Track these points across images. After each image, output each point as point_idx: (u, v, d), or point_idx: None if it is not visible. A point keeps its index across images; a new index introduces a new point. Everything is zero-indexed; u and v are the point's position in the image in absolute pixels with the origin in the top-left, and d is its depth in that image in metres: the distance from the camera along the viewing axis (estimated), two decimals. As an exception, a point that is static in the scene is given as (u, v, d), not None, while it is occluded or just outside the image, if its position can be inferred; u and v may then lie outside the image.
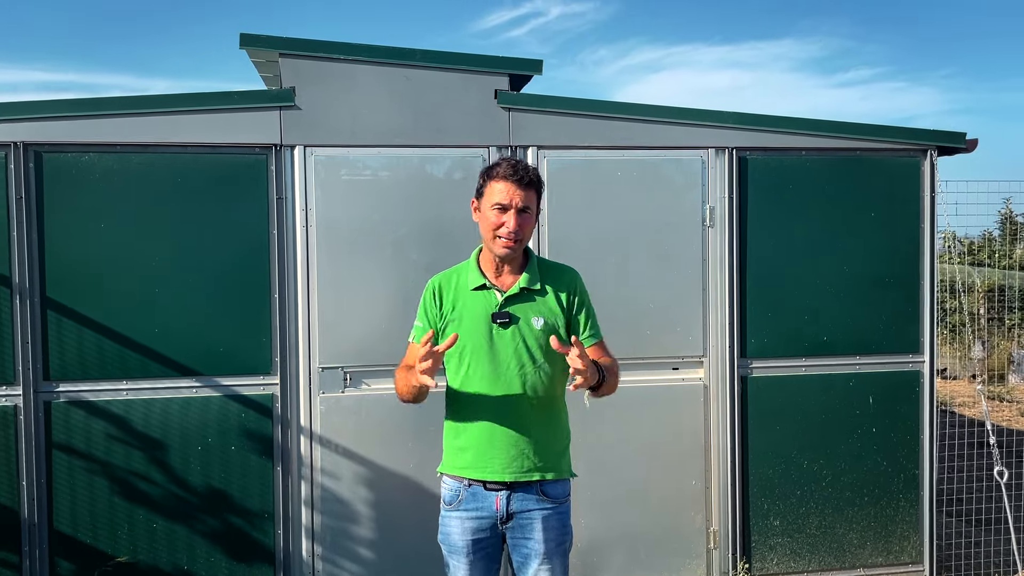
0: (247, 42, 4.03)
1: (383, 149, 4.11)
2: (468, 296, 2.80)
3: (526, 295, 2.78)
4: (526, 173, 2.72)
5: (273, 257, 4.06)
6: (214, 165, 4.00)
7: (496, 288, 2.78)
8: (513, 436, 2.74)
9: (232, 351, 4.05)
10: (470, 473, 2.78)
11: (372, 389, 4.16)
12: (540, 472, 2.76)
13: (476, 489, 2.78)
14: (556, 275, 2.85)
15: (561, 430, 2.86)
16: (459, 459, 2.82)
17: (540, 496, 2.77)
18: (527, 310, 2.77)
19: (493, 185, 2.74)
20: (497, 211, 2.72)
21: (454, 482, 2.83)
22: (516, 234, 2.70)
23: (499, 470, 2.74)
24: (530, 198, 2.73)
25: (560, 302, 2.80)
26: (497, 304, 2.76)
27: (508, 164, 2.74)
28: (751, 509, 4.44)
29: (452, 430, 2.86)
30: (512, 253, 2.75)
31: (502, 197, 2.71)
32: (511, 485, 2.75)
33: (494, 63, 4.16)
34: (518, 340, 2.74)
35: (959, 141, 4.50)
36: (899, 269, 4.53)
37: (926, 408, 4.58)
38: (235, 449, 4.06)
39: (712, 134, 4.32)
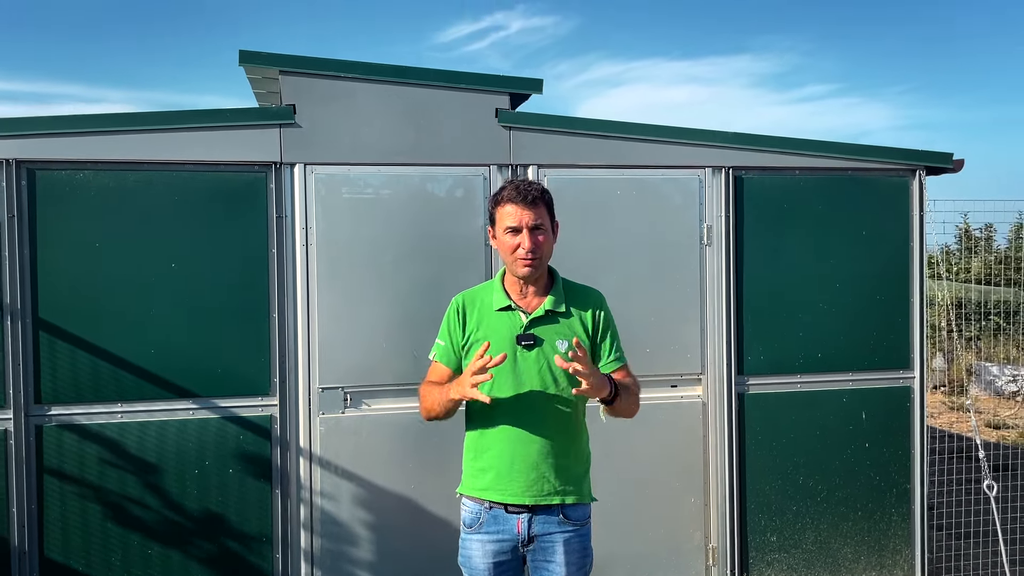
0: (246, 59, 3.98)
1: (384, 167, 4.09)
2: (493, 317, 2.78)
3: (551, 317, 2.77)
4: (530, 191, 2.71)
5: (272, 276, 4.00)
6: (213, 183, 3.94)
7: (521, 309, 2.77)
8: (534, 458, 2.72)
9: (230, 372, 3.98)
10: (490, 495, 2.75)
11: (372, 409, 4.11)
12: (561, 496, 2.74)
13: (497, 512, 2.75)
14: (582, 297, 2.84)
15: (582, 453, 2.85)
16: (479, 480, 2.79)
17: (562, 519, 2.76)
18: (552, 332, 2.76)
19: (501, 210, 2.74)
20: (510, 234, 2.72)
21: (475, 504, 2.80)
22: (533, 253, 2.70)
23: (519, 493, 2.72)
24: (540, 215, 2.72)
25: (584, 325, 2.80)
26: (522, 326, 2.75)
27: (512, 186, 2.74)
28: (749, 525, 4.47)
29: (472, 451, 2.84)
30: (535, 272, 2.74)
31: (512, 220, 2.70)
32: (532, 508, 2.73)
33: (494, 82, 4.17)
34: (542, 363, 2.73)
35: (947, 161, 4.61)
36: (889, 286, 4.61)
37: (916, 423, 4.66)
38: (233, 472, 3.98)
39: (709, 153, 4.37)
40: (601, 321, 2.84)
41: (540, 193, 2.74)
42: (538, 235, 2.71)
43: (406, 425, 4.11)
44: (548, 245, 2.76)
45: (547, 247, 2.76)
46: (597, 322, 2.83)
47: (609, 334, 2.85)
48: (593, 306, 2.84)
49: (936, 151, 4.60)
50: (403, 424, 4.11)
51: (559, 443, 2.75)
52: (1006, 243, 11.93)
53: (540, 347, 2.73)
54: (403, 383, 4.09)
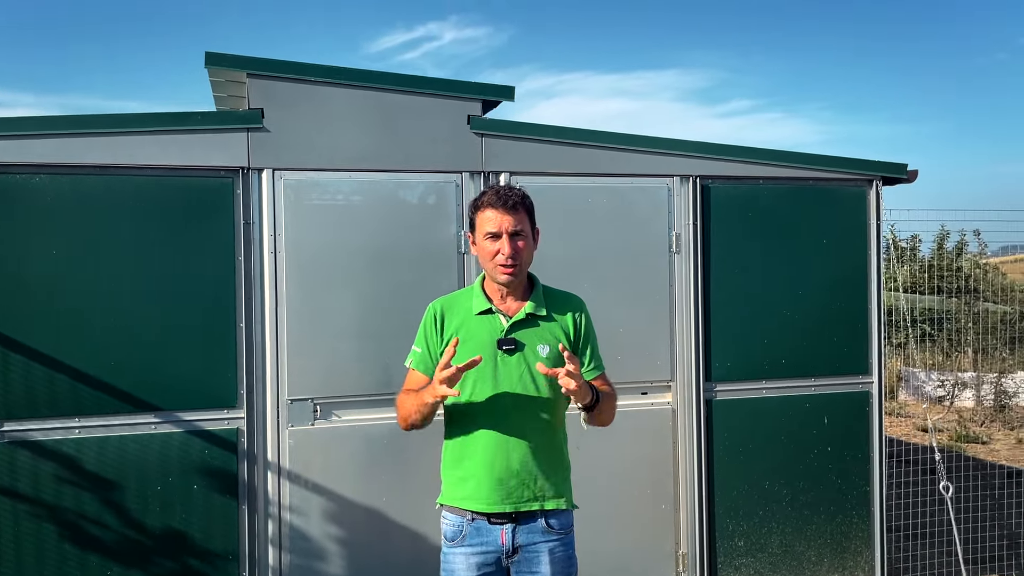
0: (212, 61, 3.86)
1: (355, 173, 4.01)
2: (473, 320, 2.74)
3: (532, 321, 2.75)
4: (510, 196, 2.68)
5: (239, 284, 3.88)
6: (177, 188, 3.81)
7: (502, 313, 2.74)
8: (515, 466, 2.68)
9: (195, 384, 3.84)
10: (472, 505, 2.70)
11: (343, 421, 4.02)
12: (541, 502, 2.71)
13: (480, 523, 2.70)
14: (562, 303, 2.82)
15: (562, 459, 2.83)
16: (460, 490, 2.74)
17: (545, 528, 2.73)
18: (533, 337, 2.73)
19: (481, 215, 2.71)
20: (490, 240, 2.68)
21: (456, 516, 2.75)
22: (513, 259, 2.66)
23: (500, 501, 2.68)
24: (521, 220, 2.69)
25: (566, 330, 2.78)
26: (502, 330, 2.72)
27: (492, 191, 2.71)
28: (717, 531, 4.51)
29: (452, 459, 2.78)
30: (514, 279, 2.71)
31: (491, 225, 2.67)
32: (515, 517, 2.69)
33: (467, 88, 4.14)
34: (523, 367, 2.70)
35: (901, 172, 4.75)
36: (849, 293, 4.73)
37: (875, 427, 4.77)
38: (198, 488, 3.84)
39: (677, 162, 4.41)
40: (583, 327, 2.82)
41: (521, 199, 2.72)
42: (518, 241, 2.68)
43: (378, 437, 4.03)
44: (528, 251, 2.73)
45: (527, 253, 2.72)
46: (579, 328, 2.81)
47: (590, 341, 2.83)
48: (574, 311, 2.82)
49: (891, 162, 4.74)
50: (375, 436, 4.03)
51: (540, 449, 2.72)
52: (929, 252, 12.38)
53: (521, 351, 2.70)
54: (375, 394, 4.01)
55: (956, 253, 13.13)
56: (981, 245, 11.93)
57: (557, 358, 2.71)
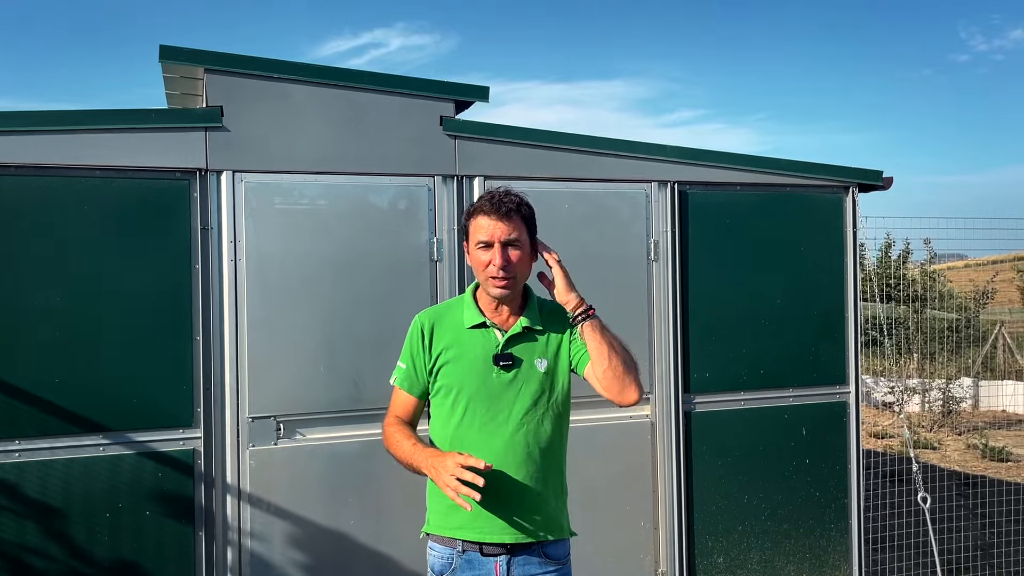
0: (167, 55, 3.60)
1: (321, 176, 3.78)
2: (464, 335, 2.55)
3: (528, 335, 2.56)
4: (505, 203, 2.49)
5: (196, 294, 3.62)
6: (127, 191, 3.53)
7: (496, 327, 2.55)
8: (513, 491, 2.48)
9: (147, 402, 3.56)
10: (465, 534, 2.50)
11: (308, 440, 3.77)
12: (542, 532, 2.52)
13: (472, 555, 2.49)
14: (558, 315, 2.65)
15: (562, 485, 2.63)
16: (450, 519, 2.52)
17: (543, 559, 2.53)
18: (530, 351, 2.55)
19: (474, 223, 2.52)
20: (482, 249, 2.49)
21: (444, 548, 2.54)
22: (506, 270, 2.47)
23: (497, 531, 2.48)
24: (516, 228, 2.50)
25: (561, 344, 2.60)
26: (498, 344, 2.53)
27: (487, 197, 2.53)
28: (697, 548, 4.37)
29: None
30: (508, 293, 2.52)
31: (483, 234, 2.48)
32: (511, 548, 2.49)
33: (439, 88, 3.94)
34: (520, 385, 2.51)
35: (876, 179, 4.69)
36: (825, 302, 4.64)
37: (852, 438, 4.69)
38: (150, 514, 3.56)
39: (655, 167, 4.27)
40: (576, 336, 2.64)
41: (516, 206, 2.52)
42: (512, 251, 2.49)
43: (346, 456, 3.80)
44: (524, 263, 2.54)
45: (522, 265, 2.53)
46: (572, 337, 2.63)
47: None
48: (570, 324, 2.64)
49: (867, 169, 4.67)
50: (343, 455, 3.79)
51: (539, 474, 2.52)
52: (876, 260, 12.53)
53: (518, 368, 2.52)
54: (343, 410, 3.78)
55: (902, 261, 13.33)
56: (930, 253, 12.10)
57: (554, 372, 2.54)
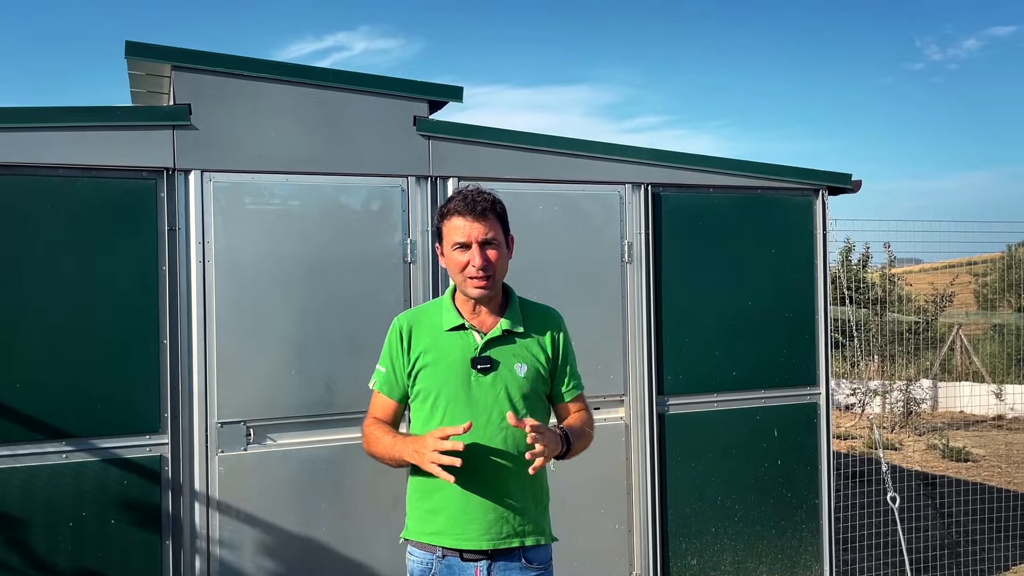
0: (133, 51, 3.51)
1: (292, 176, 3.71)
2: (443, 337, 2.50)
3: (508, 337, 2.52)
4: (479, 202, 2.45)
5: (163, 297, 3.53)
6: (92, 191, 3.43)
7: (475, 329, 2.51)
8: (493, 496, 2.44)
9: (112, 407, 3.46)
10: (444, 540, 2.45)
11: (279, 445, 3.70)
12: (521, 537, 2.48)
13: (452, 561, 2.45)
14: (539, 317, 2.61)
15: (542, 489, 2.60)
16: (429, 524, 2.48)
17: (523, 564, 2.49)
18: (509, 354, 2.51)
19: (448, 224, 2.48)
20: (459, 250, 2.45)
21: (424, 553, 2.49)
22: (485, 270, 2.44)
23: (477, 536, 2.44)
24: (492, 227, 2.47)
25: (544, 347, 2.57)
26: (477, 347, 2.49)
27: (460, 197, 2.48)
28: (671, 550, 4.36)
29: (420, 490, 2.52)
30: (487, 292, 2.48)
31: (460, 235, 2.44)
32: (491, 554, 2.46)
33: (413, 87, 3.89)
34: (500, 388, 2.47)
35: (846, 182, 4.74)
36: (796, 304, 4.67)
37: (823, 438, 4.73)
38: (116, 523, 3.46)
39: (629, 170, 4.27)
40: (561, 344, 2.62)
41: (491, 204, 2.49)
42: (489, 251, 2.45)
43: (317, 462, 3.73)
44: (502, 262, 2.51)
45: (501, 264, 2.50)
46: (557, 345, 2.60)
47: (568, 359, 2.63)
48: (552, 327, 2.61)
49: (837, 172, 4.72)
50: (314, 461, 3.72)
51: (519, 477, 2.48)
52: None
53: (497, 371, 2.48)
54: (314, 415, 3.71)
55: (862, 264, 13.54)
56: (890, 256, 12.31)
57: (535, 377, 2.50)
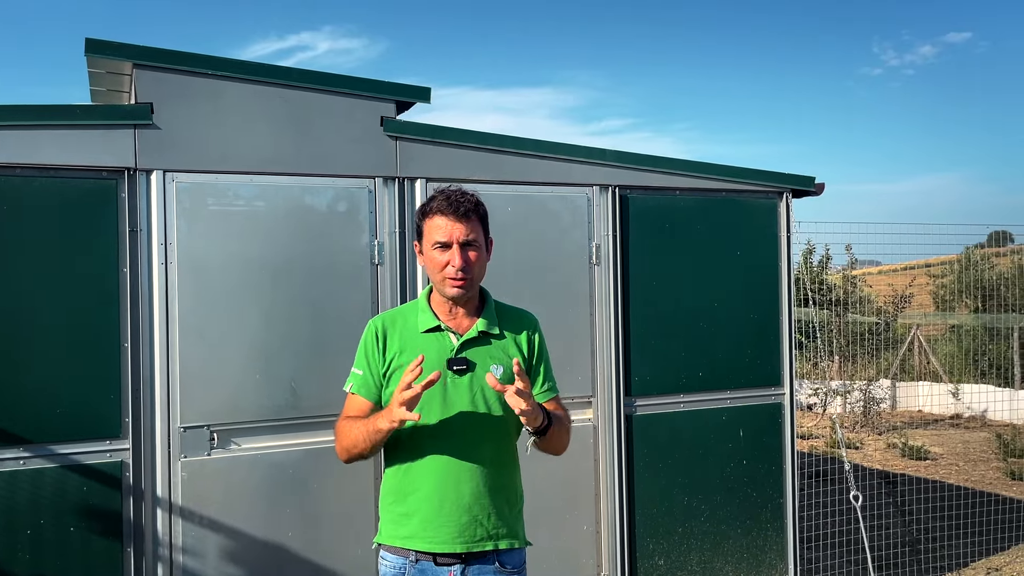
0: (94, 49, 3.44)
1: (257, 176, 3.66)
2: (419, 339, 2.48)
3: (484, 339, 2.51)
4: (463, 202, 2.44)
5: (124, 299, 3.46)
6: (50, 191, 3.36)
7: (451, 331, 2.49)
8: (467, 499, 2.42)
9: (71, 412, 3.38)
10: (417, 544, 2.43)
11: (244, 450, 3.64)
12: (495, 540, 2.46)
13: (425, 565, 2.43)
14: (515, 319, 2.60)
15: (516, 492, 2.59)
16: (402, 527, 2.45)
17: (498, 567, 2.48)
18: (485, 356, 2.49)
19: (430, 223, 2.45)
20: (439, 250, 2.43)
21: (397, 558, 2.46)
22: (464, 271, 2.42)
23: (450, 540, 2.42)
24: (473, 229, 2.45)
25: (520, 349, 2.55)
26: (453, 349, 2.47)
27: (443, 196, 2.46)
28: (638, 551, 4.38)
29: (393, 493, 2.49)
30: (465, 293, 2.47)
31: (441, 234, 2.42)
32: (465, 557, 2.44)
33: (380, 88, 3.86)
34: (476, 389, 2.46)
35: (809, 184, 4.79)
36: (761, 305, 4.72)
37: (787, 438, 4.78)
38: (75, 530, 3.38)
39: (596, 172, 4.28)
40: (537, 346, 2.61)
41: (474, 205, 2.47)
42: (470, 252, 2.44)
43: (283, 466, 3.68)
44: (481, 264, 2.49)
45: (480, 266, 2.48)
46: (533, 346, 2.60)
47: (544, 362, 2.62)
48: (528, 329, 2.61)
49: (800, 175, 4.77)
50: (280, 465, 3.68)
51: (494, 480, 2.47)
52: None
53: (473, 372, 2.46)
54: (280, 419, 3.67)
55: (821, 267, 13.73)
56: (851, 259, 12.50)
57: (511, 379, 2.49)
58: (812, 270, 13.02)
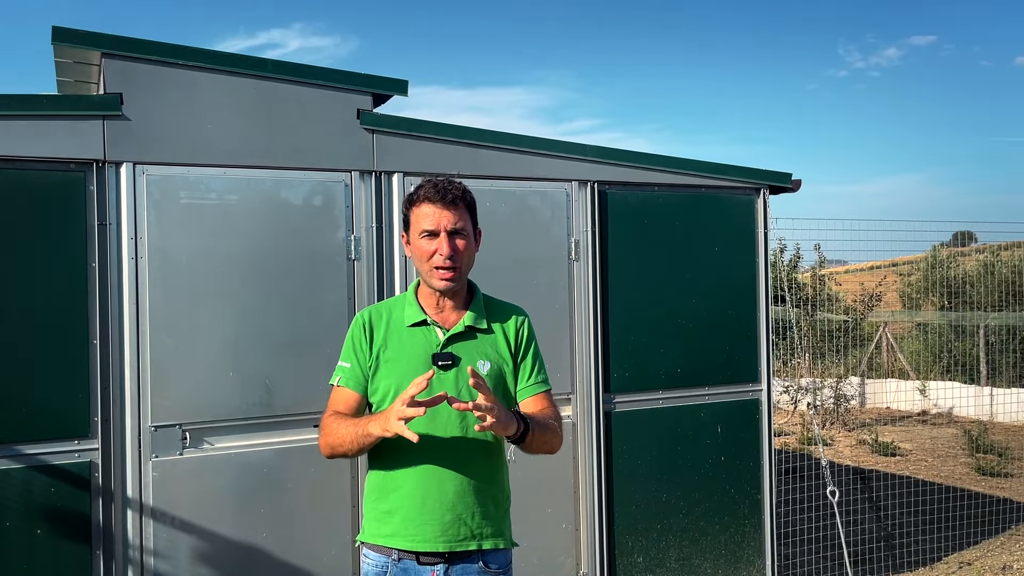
0: (62, 37, 3.34)
1: (230, 169, 3.58)
2: (405, 333, 2.42)
3: (470, 333, 2.45)
4: (450, 190, 2.39)
5: (93, 295, 3.36)
6: (15, 183, 3.26)
7: (438, 325, 2.44)
8: (451, 497, 2.36)
9: (39, 411, 3.29)
10: (398, 542, 2.37)
11: (217, 449, 3.56)
12: (479, 540, 2.40)
13: (407, 564, 2.37)
14: (503, 313, 2.54)
15: (503, 491, 2.52)
16: (385, 525, 2.39)
17: (482, 567, 2.42)
18: (472, 351, 2.44)
19: (417, 211, 2.40)
20: (426, 239, 2.37)
21: (379, 556, 2.40)
22: (453, 260, 2.36)
23: (433, 538, 2.36)
24: (462, 217, 2.39)
25: (508, 343, 2.50)
26: (439, 343, 2.42)
27: (430, 184, 2.41)
28: (617, 548, 4.35)
29: (376, 490, 2.43)
30: (454, 285, 2.41)
31: (428, 222, 2.36)
32: (448, 557, 2.39)
33: (357, 80, 3.80)
34: (461, 386, 2.39)
35: (786, 181, 4.80)
36: (739, 302, 4.71)
37: (765, 435, 4.78)
38: (42, 533, 3.28)
39: (575, 167, 4.24)
40: (524, 339, 2.55)
41: (462, 193, 2.42)
42: (457, 240, 2.38)
43: (257, 466, 3.60)
44: (469, 254, 2.43)
45: (468, 256, 2.43)
46: (520, 339, 2.54)
47: (532, 354, 2.56)
48: (516, 324, 2.54)
49: (777, 171, 4.78)
50: (254, 464, 3.60)
51: (479, 479, 2.41)
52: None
53: (459, 367, 2.41)
54: (254, 417, 3.59)
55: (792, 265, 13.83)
56: (821, 257, 12.60)
57: (498, 374, 2.44)
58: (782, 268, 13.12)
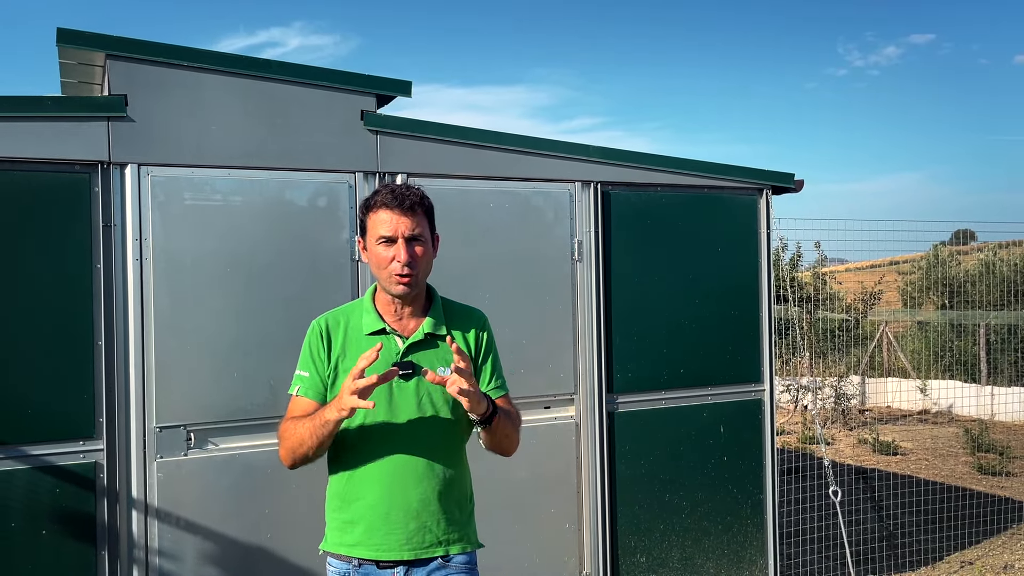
0: (66, 39, 3.35)
1: (235, 171, 3.59)
2: (363, 341, 2.38)
3: (430, 341, 2.41)
4: (408, 196, 2.35)
5: (98, 296, 3.37)
6: (20, 185, 3.26)
7: (397, 333, 2.40)
8: (414, 506, 2.35)
9: (43, 412, 3.29)
10: (361, 552, 2.35)
11: (221, 450, 3.57)
12: (446, 546, 2.39)
13: (368, 568, 2.35)
14: (463, 317, 2.51)
15: (466, 495, 2.51)
16: (347, 535, 2.37)
17: (441, 564, 2.40)
18: (432, 358, 2.40)
19: (374, 217, 2.36)
20: (384, 245, 2.34)
21: (341, 563, 2.38)
22: (410, 267, 2.33)
23: (397, 547, 2.34)
24: (419, 223, 2.36)
25: (468, 348, 2.47)
26: (398, 352, 2.39)
27: (387, 190, 2.37)
28: (620, 548, 4.36)
29: (337, 500, 2.41)
30: (411, 290, 2.37)
31: (386, 228, 2.33)
32: (410, 562, 2.38)
33: (360, 81, 3.80)
34: (422, 394, 2.36)
35: (789, 181, 4.80)
36: (741, 301, 4.72)
37: (767, 435, 4.79)
38: (47, 533, 3.29)
39: (579, 168, 4.25)
40: (484, 344, 2.51)
41: (419, 199, 2.38)
42: (415, 247, 2.35)
43: (261, 466, 3.61)
44: (427, 260, 2.40)
45: (425, 262, 2.39)
46: (480, 345, 2.50)
47: (491, 359, 2.52)
48: (476, 327, 2.51)
49: (780, 171, 4.78)
50: (258, 465, 3.61)
51: (442, 486, 2.39)
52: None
53: (419, 375, 2.39)
54: (257, 418, 3.60)
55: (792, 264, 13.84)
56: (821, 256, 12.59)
57: None
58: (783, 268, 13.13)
